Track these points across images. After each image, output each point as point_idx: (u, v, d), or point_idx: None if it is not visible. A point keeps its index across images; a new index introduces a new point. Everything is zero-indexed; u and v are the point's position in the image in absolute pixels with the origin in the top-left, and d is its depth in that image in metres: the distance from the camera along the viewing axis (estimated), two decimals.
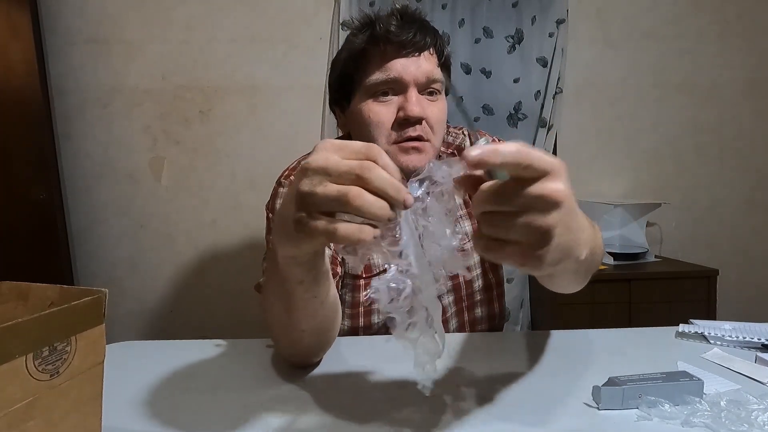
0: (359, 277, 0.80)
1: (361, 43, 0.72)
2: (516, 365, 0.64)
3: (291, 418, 0.51)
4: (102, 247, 1.99)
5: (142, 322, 2.02)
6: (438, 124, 0.74)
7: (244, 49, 1.96)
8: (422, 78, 0.71)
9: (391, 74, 0.70)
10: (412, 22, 0.71)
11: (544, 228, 0.34)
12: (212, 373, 0.61)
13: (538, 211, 0.34)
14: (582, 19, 2.03)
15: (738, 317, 0.83)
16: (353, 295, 0.80)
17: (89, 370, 0.37)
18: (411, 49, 0.70)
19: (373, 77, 0.71)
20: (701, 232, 2.16)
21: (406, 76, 0.70)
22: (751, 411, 0.48)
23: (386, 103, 0.72)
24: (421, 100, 0.72)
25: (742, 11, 2.08)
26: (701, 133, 2.13)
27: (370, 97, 0.72)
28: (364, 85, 0.73)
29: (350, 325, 0.82)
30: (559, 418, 0.50)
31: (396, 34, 0.69)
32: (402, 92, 0.72)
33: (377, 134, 0.72)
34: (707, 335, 0.72)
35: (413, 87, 0.71)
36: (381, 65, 0.71)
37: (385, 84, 0.71)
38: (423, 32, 0.71)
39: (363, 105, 0.73)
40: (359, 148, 0.38)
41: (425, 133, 0.72)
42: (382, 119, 0.72)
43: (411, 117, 0.70)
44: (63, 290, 0.40)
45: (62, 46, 1.90)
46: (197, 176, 1.99)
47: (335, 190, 0.36)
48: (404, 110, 0.70)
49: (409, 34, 0.69)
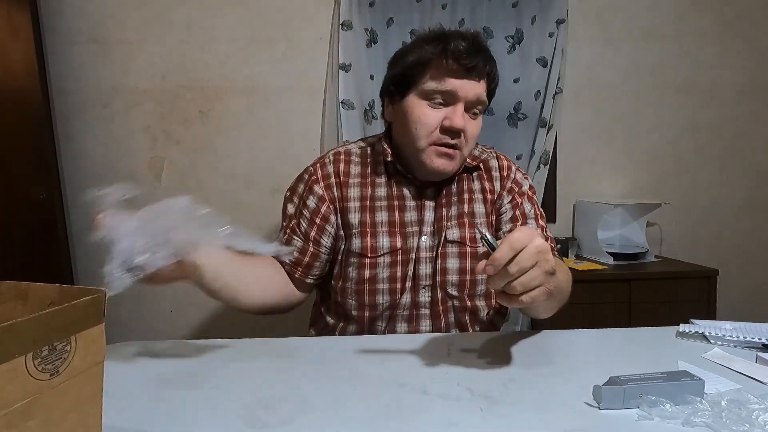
0: (364, 256, 0.85)
1: (431, 53, 0.80)
2: (516, 365, 0.64)
3: (291, 418, 0.51)
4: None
5: (142, 322, 2.01)
6: (472, 138, 0.84)
7: (244, 49, 1.96)
8: (472, 98, 0.81)
9: (448, 88, 0.79)
10: (480, 50, 0.80)
11: (551, 269, 0.55)
12: (212, 373, 0.61)
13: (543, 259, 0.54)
14: (582, 19, 2.03)
15: (738, 317, 0.83)
16: (359, 272, 0.86)
17: (89, 369, 0.37)
18: (474, 73, 0.79)
19: (432, 84, 0.80)
20: (701, 232, 2.16)
21: (461, 92, 0.79)
22: (751, 411, 0.48)
23: (436, 109, 0.81)
24: (464, 116, 0.81)
25: (742, 11, 2.08)
26: (701, 133, 2.13)
27: (425, 100, 0.81)
28: (421, 87, 0.81)
29: (357, 301, 0.86)
30: (559, 418, 0.50)
31: (466, 56, 0.78)
32: (452, 104, 0.81)
33: (421, 132, 0.81)
34: (708, 335, 0.72)
35: (462, 103, 0.80)
36: (443, 77, 0.79)
37: (441, 94, 0.80)
38: (484, 61, 0.81)
39: (416, 104, 0.82)
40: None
41: (459, 143, 0.82)
42: (429, 121, 0.81)
43: (454, 128, 0.80)
44: (62, 290, 0.39)
45: (62, 46, 1.90)
46: (197, 176, 1.99)
47: None
48: (450, 120, 0.80)
49: (476, 60, 0.78)
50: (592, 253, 1.98)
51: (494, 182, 0.92)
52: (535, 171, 2.02)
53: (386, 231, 0.87)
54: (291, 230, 0.90)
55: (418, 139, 0.81)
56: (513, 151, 2.03)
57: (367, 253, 0.85)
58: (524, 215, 0.90)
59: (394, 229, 0.87)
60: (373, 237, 0.86)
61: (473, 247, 0.87)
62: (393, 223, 0.87)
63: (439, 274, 0.86)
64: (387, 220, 0.87)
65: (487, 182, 0.92)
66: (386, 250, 0.85)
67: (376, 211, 0.88)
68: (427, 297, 0.86)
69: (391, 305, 0.85)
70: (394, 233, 0.86)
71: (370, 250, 0.85)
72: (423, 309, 0.86)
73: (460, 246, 0.87)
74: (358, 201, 0.88)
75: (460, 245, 0.87)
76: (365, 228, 0.87)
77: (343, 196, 0.88)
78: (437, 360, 0.66)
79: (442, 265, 0.86)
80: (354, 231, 0.87)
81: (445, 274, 0.86)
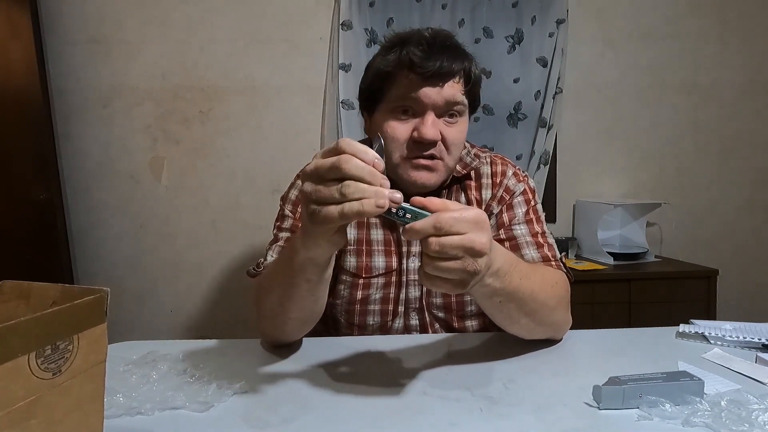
0: (358, 276, 0.82)
1: (387, 64, 0.74)
2: (516, 365, 0.64)
3: (292, 418, 0.51)
4: (102, 247, 1.99)
5: (142, 322, 2.02)
6: (455, 145, 0.76)
7: (244, 49, 1.96)
8: (441, 104, 0.73)
9: (410, 98, 0.73)
10: (441, 51, 0.72)
11: (475, 271, 0.48)
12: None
13: (471, 257, 0.48)
14: (582, 19, 2.03)
15: (738, 317, 0.83)
16: (351, 292, 0.82)
17: (91, 368, 0.37)
18: (435, 79, 0.72)
19: (394, 97, 0.75)
20: (701, 232, 2.16)
21: (426, 100, 0.72)
22: (751, 411, 0.48)
23: (404, 122, 0.75)
24: (437, 124, 0.74)
25: (742, 11, 2.09)
26: (701, 133, 2.14)
27: (391, 113, 0.75)
28: (387, 100, 0.76)
29: (347, 320, 0.84)
30: (559, 418, 0.50)
31: (419, 64, 0.70)
32: (420, 114, 0.74)
33: (392, 148, 0.75)
34: (707, 335, 0.72)
35: (431, 111, 0.73)
36: (403, 89, 0.73)
37: (406, 105, 0.74)
38: (451, 61, 0.72)
39: (383, 119, 0.76)
40: (332, 147, 0.47)
41: (438, 152, 0.75)
42: (398, 135, 0.74)
43: (424, 139, 0.72)
44: (65, 289, 0.39)
45: (62, 46, 1.90)
46: (197, 176, 1.99)
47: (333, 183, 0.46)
48: (418, 132, 0.73)
49: (434, 64, 0.70)
50: (592, 253, 1.98)
51: (483, 191, 0.85)
52: (535, 171, 2.02)
53: (382, 250, 0.82)
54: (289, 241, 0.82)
55: (392, 155, 0.75)
56: (513, 151, 2.03)
57: (362, 274, 0.81)
58: (511, 220, 0.82)
59: (390, 249, 0.82)
60: (369, 256, 0.82)
61: None
62: (389, 242, 0.83)
63: (425, 297, 0.82)
64: (383, 238, 0.83)
65: (475, 191, 0.85)
66: (381, 271, 0.81)
67: (371, 227, 0.83)
68: (416, 320, 0.83)
69: (381, 326, 0.83)
70: (390, 252, 0.82)
71: (364, 270, 0.81)
72: (414, 332, 0.83)
73: None
74: None
75: None
76: (361, 246, 0.82)
77: None
78: (437, 360, 0.66)
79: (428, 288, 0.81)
80: (349, 247, 0.82)
81: (430, 296, 0.82)
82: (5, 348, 0.30)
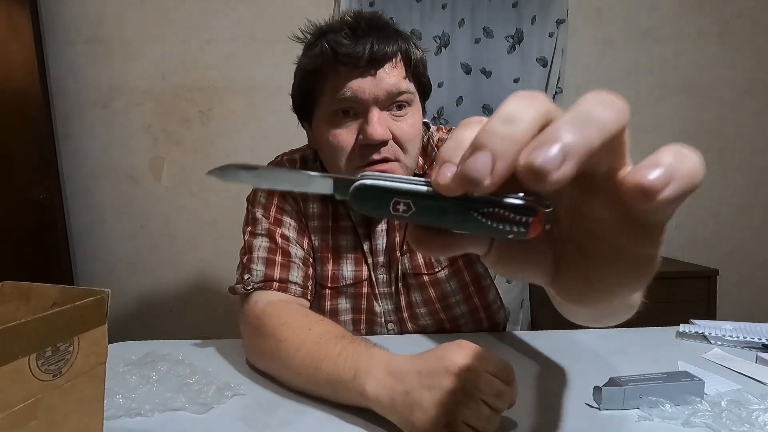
0: (324, 287, 0.77)
1: (311, 61, 0.65)
2: (516, 365, 0.64)
3: (291, 418, 0.51)
4: (102, 247, 1.99)
5: (142, 322, 2.02)
6: (408, 141, 0.66)
7: (244, 49, 1.96)
8: (383, 95, 0.63)
9: (346, 96, 0.62)
10: (367, 34, 0.62)
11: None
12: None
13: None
14: (582, 19, 2.03)
15: (738, 317, 0.83)
16: (318, 303, 0.78)
17: (91, 370, 0.37)
18: (366, 66, 0.61)
19: (328, 99, 0.65)
20: (701, 232, 2.16)
21: (363, 95, 0.62)
22: (751, 411, 0.48)
23: (346, 126, 0.65)
24: (384, 120, 0.64)
25: (742, 11, 2.08)
26: (701, 133, 2.13)
27: (329, 119, 0.65)
28: (321, 105, 0.66)
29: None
30: (559, 419, 0.50)
31: (345, 52, 0.61)
32: (362, 113, 0.64)
33: (339, 159, 0.65)
34: (708, 335, 0.72)
35: (374, 106, 0.63)
36: (334, 86, 0.63)
37: (342, 105, 0.64)
38: (382, 44, 0.62)
39: (322, 127, 0.67)
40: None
41: (392, 153, 0.65)
42: (342, 144, 0.64)
43: (371, 141, 0.62)
44: (65, 290, 0.39)
45: (62, 46, 1.90)
46: (197, 176, 1.99)
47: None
48: (364, 134, 0.63)
49: (362, 49, 0.60)
50: None
51: None
52: None
53: (352, 258, 0.75)
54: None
55: (341, 167, 0.65)
56: None
57: (327, 283, 0.75)
58: None
59: (359, 256, 0.75)
60: (336, 264, 0.75)
61: (431, 274, 0.75)
62: (358, 248, 0.76)
63: (405, 309, 0.77)
64: (352, 243, 0.76)
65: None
66: (350, 281, 0.75)
67: (339, 232, 0.76)
68: (397, 332, 0.78)
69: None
70: (361, 261, 0.75)
71: (330, 280, 0.75)
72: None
73: (417, 277, 0.75)
74: (317, 219, 0.76)
75: (416, 276, 0.75)
76: (326, 253, 0.76)
77: (306, 211, 0.76)
78: None
79: (407, 300, 0.77)
80: (316, 255, 0.76)
81: (411, 308, 0.77)
82: (6, 350, 0.30)
